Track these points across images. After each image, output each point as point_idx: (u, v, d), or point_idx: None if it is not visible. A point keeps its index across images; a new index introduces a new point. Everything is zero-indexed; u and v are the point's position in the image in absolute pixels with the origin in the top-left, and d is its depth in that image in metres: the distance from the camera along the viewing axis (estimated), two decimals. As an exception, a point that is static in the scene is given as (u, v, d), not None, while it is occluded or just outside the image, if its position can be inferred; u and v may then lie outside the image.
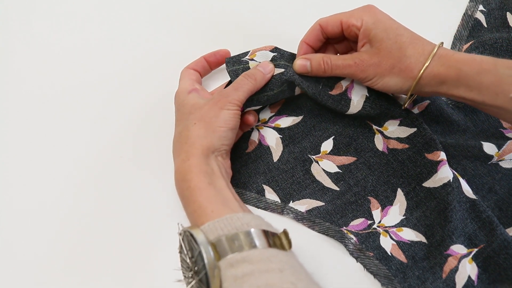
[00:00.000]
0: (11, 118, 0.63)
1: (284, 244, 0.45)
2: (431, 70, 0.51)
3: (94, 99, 0.64)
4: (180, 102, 0.55)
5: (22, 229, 0.57)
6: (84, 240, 0.56)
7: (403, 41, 0.51)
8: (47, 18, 0.70)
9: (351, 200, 0.57)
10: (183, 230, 0.45)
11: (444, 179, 0.56)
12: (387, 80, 0.52)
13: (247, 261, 0.41)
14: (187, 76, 0.58)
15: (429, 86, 0.52)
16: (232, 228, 0.44)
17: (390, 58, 0.52)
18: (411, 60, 0.51)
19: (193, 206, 0.47)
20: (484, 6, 0.69)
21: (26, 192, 0.59)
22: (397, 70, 0.52)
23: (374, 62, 0.52)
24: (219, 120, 0.52)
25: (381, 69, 0.52)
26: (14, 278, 0.55)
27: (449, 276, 0.53)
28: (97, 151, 0.61)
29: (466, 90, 0.50)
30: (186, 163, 0.50)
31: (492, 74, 0.48)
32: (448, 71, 0.50)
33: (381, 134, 0.59)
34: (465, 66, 0.49)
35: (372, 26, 0.52)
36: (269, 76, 0.56)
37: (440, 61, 0.51)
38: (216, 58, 0.61)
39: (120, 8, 0.71)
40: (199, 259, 0.42)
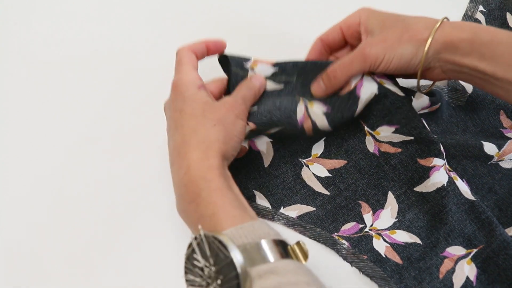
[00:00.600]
0: (11, 118, 0.64)
1: (299, 256, 0.43)
2: (443, 33, 0.48)
3: (94, 99, 0.65)
4: (189, 93, 0.51)
5: (22, 229, 0.58)
6: (84, 240, 0.57)
7: (406, 17, 0.51)
8: (46, 18, 0.71)
9: (342, 205, 0.57)
10: (204, 235, 0.41)
11: (438, 184, 0.55)
12: (399, 52, 0.49)
13: (275, 272, 0.40)
14: (190, 62, 0.54)
15: (439, 54, 0.49)
16: (255, 236, 0.42)
17: (396, 30, 0.50)
18: (418, 25, 0.49)
19: (212, 208, 0.44)
20: (484, 7, 0.69)
21: (26, 192, 0.60)
22: (406, 37, 0.49)
23: (379, 39, 0.50)
24: (236, 129, 0.50)
25: (389, 42, 0.50)
26: (14, 278, 0.56)
27: (446, 277, 0.52)
28: (97, 151, 0.62)
29: (477, 59, 0.47)
30: (206, 162, 0.47)
31: (507, 44, 0.46)
32: (462, 34, 0.48)
33: (372, 137, 0.59)
34: (479, 31, 0.47)
35: (371, 16, 0.52)
36: (262, 90, 0.55)
37: (452, 25, 0.49)
38: (216, 47, 0.57)
39: (121, 6, 0.72)
40: (228, 268, 0.39)
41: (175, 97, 0.52)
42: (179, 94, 0.51)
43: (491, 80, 0.48)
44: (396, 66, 0.50)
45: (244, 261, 0.40)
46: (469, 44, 0.47)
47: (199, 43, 0.56)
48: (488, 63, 0.47)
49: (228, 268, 0.40)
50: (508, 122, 0.60)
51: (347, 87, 0.54)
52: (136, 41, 0.69)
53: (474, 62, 0.47)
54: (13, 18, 0.72)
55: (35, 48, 0.69)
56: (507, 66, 0.46)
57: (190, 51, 0.55)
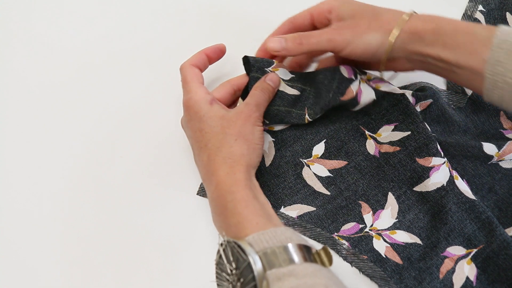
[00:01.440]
0: (11, 118, 0.64)
1: (324, 260, 0.44)
2: (409, 24, 0.50)
3: (95, 99, 0.65)
4: (203, 112, 0.53)
5: (22, 230, 0.58)
6: (84, 240, 0.57)
7: (377, 7, 0.53)
8: (46, 17, 0.71)
9: (342, 205, 0.57)
10: (226, 241, 0.45)
11: (438, 184, 0.55)
12: (367, 38, 0.51)
13: (294, 275, 0.41)
14: (195, 78, 0.56)
15: (405, 44, 0.51)
16: (277, 241, 0.44)
17: (365, 18, 0.52)
18: (388, 16, 0.51)
19: (237, 218, 0.47)
20: (484, 6, 0.69)
21: (26, 192, 0.60)
22: (375, 25, 0.51)
23: (349, 24, 0.52)
24: (255, 138, 0.53)
25: (358, 28, 0.51)
26: (14, 278, 0.56)
27: (446, 277, 0.53)
28: (97, 151, 0.62)
29: (441, 48, 0.49)
30: (232, 176, 0.50)
31: (468, 33, 0.48)
32: (426, 25, 0.50)
33: (373, 140, 0.59)
34: (442, 23, 0.49)
35: (343, 4, 0.53)
36: (276, 90, 0.56)
37: (418, 17, 0.51)
38: (217, 54, 0.59)
39: (120, 5, 0.72)
40: (247, 271, 0.42)
41: (191, 117, 0.54)
42: (194, 114, 0.53)
43: (454, 69, 0.50)
44: (362, 52, 0.52)
45: (261, 264, 0.42)
46: (433, 35, 0.49)
47: (199, 55, 0.57)
48: (451, 52, 0.49)
49: (247, 271, 0.42)
50: (509, 123, 0.60)
51: (349, 94, 0.55)
52: (137, 41, 0.69)
53: (438, 52, 0.49)
54: (12, 17, 0.72)
55: (35, 48, 0.69)
56: (468, 54, 0.48)
57: (192, 66, 0.56)
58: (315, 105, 0.57)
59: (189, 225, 0.57)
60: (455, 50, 0.48)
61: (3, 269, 0.56)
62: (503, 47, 0.46)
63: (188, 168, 0.58)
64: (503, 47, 0.46)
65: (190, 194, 0.59)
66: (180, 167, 0.60)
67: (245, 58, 0.58)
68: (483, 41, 0.47)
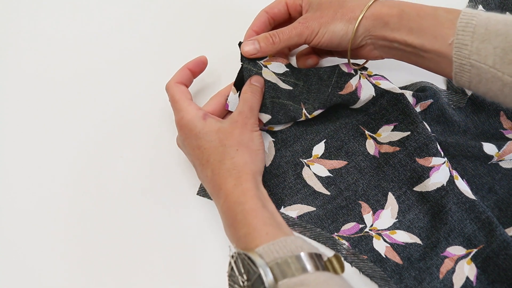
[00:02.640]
0: (11, 119, 0.64)
1: (336, 268, 0.44)
2: (374, 10, 0.51)
3: (95, 99, 0.65)
4: (199, 129, 0.52)
5: (22, 230, 0.58)
6: (84, 240, 0.57)
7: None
8: (46, 17, 0.71)
9: (342, 205, 0.57)
10: (237, 253, 0.44)
11: (438, 184, 0.55)
12: (332, 28, 0.52)
13: (305, 284, 0.41)
14: (183, 96, 0.55)
15: (370, 30, 0.52)
16: (287, 251, 0.44)
17: (331, 7, 0.53)
18: (352, 3, 0.52)
19: (247, 229, 0.47)
20: (484, 6, 0.69)
21: (26, 192, 0.60)
22: (340, 14, 0.52)
23: (316, 15, 0.53)
24: (255, 144, 0.53)
25: (324, 19, 0.52)
26: (14, 278, 0.56)
27: (446, 277, 0.53)
28: (97, 150, 0.62)
29: (407, 33, 0.49)
30: (239, 187, 0.49)
31: (432, 17, 0.48)
32: (391, 10, 0.50)
33: (373, 140, 0.59)
34: (406, 7, 0.50)
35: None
36: (263, 89, 0.56)
37: (382, 2, 0.52)
38: (199, 67, 0.59)
39: (120, 5, 0.72)
40: (258, 283, 0.42)
41: (186, 136, 0.53)
42: (189, 132, 0.53)
43: (421, 53, 0.50)
44: (329, 41, 0.53)
45: (272, 275, 0.42)
46: (397, 19, 0.50)
47: (182, 71, 0.58)
48: (416, 36, 0.49)
49: (258, 283, 0.42)
50: (508, 123, 0.60)
51: (348, 88, 0.56)
52: (137, 41, 0.69)
53: (403, 36, 0.50)
54: (12, 17, 0.72)
55: (35, 48, 0.69)
56: (433, 38, 0.48)
57: (178, 83, 0.57)
58: (314, 101, 0.57)
59: (189, 225, 0.57)
60: (420, 34, 0.49)
61: (3, 269, 0.57)
62: (467, 30, 0.46)
63: (188, 168, 0.58)
64: (467, 30, 0.46)
65: (190, 194, 0.59)
66: (179, 167, 0.60)
67: (240, 44, 0.57)
68: (446, 24, 0.47)
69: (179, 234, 0.57)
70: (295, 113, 0.57)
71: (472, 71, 0.46)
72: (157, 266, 0.56)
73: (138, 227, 0.58)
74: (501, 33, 0.44)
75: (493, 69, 0.45)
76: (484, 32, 0.45)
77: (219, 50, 0.65)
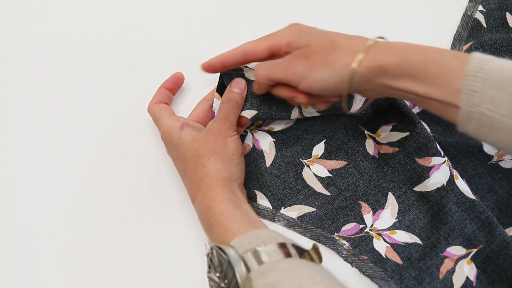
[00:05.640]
0: (10, 117, 0.64)
1: (314, 259, 0.44)
2: (371, 57, 0.45)
3: (94, 99, 0.65)
4: (176, 141, 0.54)
5: (21, 230, 0.58)
6: (84, 240, 0.57)
7: (334, 34, 0.48)
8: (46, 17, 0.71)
9: (342, 205, 0.57)
10: (211, 247, 0.45)
11: (438, 183, 0.55)
12: (321, 74, 0.47)
13: (277, 269, 0.41)
14: (163, 112, 0.57)
15: (368, 78, 0.46)
16: (260, 241, 0.44)
17: (321, 51, 0.47)
18: (344, 49, 0.46)
19: (219, 229, 0.48)
20: (484, 6, 0.69)
21: (26, 192, 0.60)
22: (331, 60, 0.46)
23: (304, 57, 0.48)
24: (229, 149, 0.53)
25: (312, 62, 0.47)
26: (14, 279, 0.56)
27: (446, 277, 0.53)
28: (97, 151, 0.62)
29: (409, 81, 0.45)
30: (209, 194, 0.50)
31: (437, 63, 0.43)
32: (389, 58, 0.45)
33: (372, 140, 0.59)
34: (408, 53, 0.45)
35: (300, 34, 0.49)
36: (245, 93, 0.56)
37: (379, 47, 0.46)
38: (176, 83, 0.61)
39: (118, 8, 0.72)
40: (229, 272, 0.42)
41: (169, 149, 0.56)
42: (169, 144, 0.55)
43: (426, 101, 0.46)
44: (320, 88, 0.48)
45: (242, 261, 0.42)
46: (398, 67, 0.45)
47: (159, 91, 0.60)
48: (421, 85, 0.44)
49: (228, 270, 0.42)
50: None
51: None
52: (136, 41, 0.69)
53: (406, 84, 0.45)
54: (14, 19, 0.71)
55: (35, 48, 0.69)
56: (439, 86, 0.43)
57: (158, 102, 0.59)
58: None
59: (190, 225, 0.57)
60: (424, 83, 0.44)
61: (3, 269, 0.57)
62: (479, 75, 0.41)
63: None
64: (479, 75, 0.41)
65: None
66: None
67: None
68: (455, 71, 0.43)
69: (180, 234, 0.57)
70: (286, 110, 0.56)
71: (481, 120, 0.42)
72: (157, 266, 0.56)
73: (138, 227, 0.58)
74: None
75: (508, 119, 0.40)
76: (498, 79, 0.41)
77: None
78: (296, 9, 0.71)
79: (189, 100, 0.63)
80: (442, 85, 0.43)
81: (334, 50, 0.47)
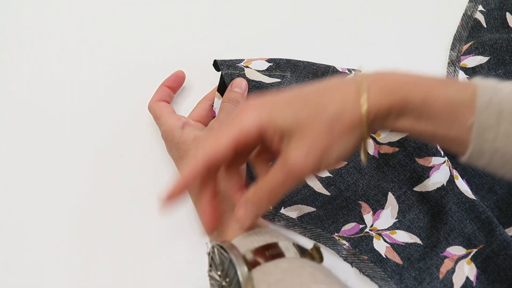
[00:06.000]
0: (10, 119, 0.64)
1: (316, 258, 0.44)
2: (371, 104, 0.40)
3: (94, 99, 0.65)
4: (177, 140, 0.53)
5: (22, 230, 0.58)
6: (83, 240, 0.57)
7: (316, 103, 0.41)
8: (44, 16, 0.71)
9: (342, 205, 0.57)
10: (212, 246, 0.45)
11: (438, 183, 0.55)
12: (336, 149, 0.40)
13: (279, 267, 0.41)
14: (164, 110, 0.57)
15: (376, 125, 0.41)
16: (262, 240, 0.44)
17: (320, 130, 0.40)
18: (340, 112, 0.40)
19: (220, 227, 0.48)
20: (484, 6, 0.69)
21: (25, 192, 0.60)
22: (337, 132, 0.40)
23: (308, 147, 0.40)
24: None
25: (320, 145, 0.40)
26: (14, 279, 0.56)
27: (446, 277, 0.53)
28: (97, 151, 0.62)
29: (415, 119, 0.40)
30: None
31: (444, 99, 0.39)
32: (390, 98, 0.40)
33: (372, 140, 0.59)
34: (410, 91, 0.40)
35: (275, 117, 0.41)
36: (246, 93, 0.56)
37: (376, 88, 0.40)
38: (177, 82, 0.61)
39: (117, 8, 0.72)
40: (231, 271, 0.42)
41: (169, 148, 0.55)
42: (169, 143, 0.55)
43: (431, 138, 0.42)
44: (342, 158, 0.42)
45: (244, 262, 0.42)
46: (401, 108, 0.40)
47: (160, 89, 0.60)
48: (426, 123, 0.40)
49: (230, 268, 0.42)
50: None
51: None
52: (136, 41, 0.69)
53: (410, 123, 0.41)
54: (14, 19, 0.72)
55: (34, 46, 0.69)
56: (448, 124, 0.40)
57: (159, 100, 0.58)
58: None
59: (191, 225, 0.57)
60: (430, 121, 0.40)
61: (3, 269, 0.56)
62: (492, 109, 0.38)
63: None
64: (492, 109, 0.38)
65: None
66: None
67: (214, 63, 0.59)
68: (463, 105, 0.39)
69: (180, 233, 0.57)
70: None
71: (495, 155, 0.38)
72: (158, 266, 0.56)
73: (138, 227, 0.57)
74: None
75: None
76: None
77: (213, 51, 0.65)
78: (296, 9, 0.71)
79: (190, 99, 0.63)
80: (450, 122, 0.39)
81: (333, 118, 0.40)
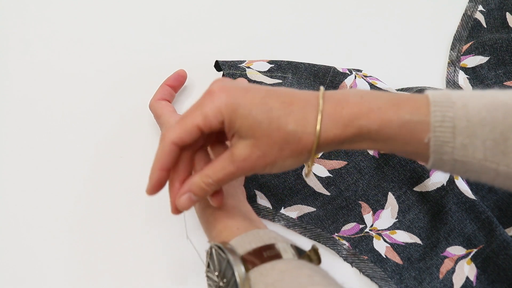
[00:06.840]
0: (11, 118, 0.64)
1: (313, 260, 0.44)
2: (326, 136, 0.41)
3: (94, 99, 0.65)
4: None
5: (22, 230, 0.58)
6: (84, 240, 0.57)
7: (278, 116, 0.41)
8: (46, 17, 0.71)
9: (342, 205, 0.57)
10: (210, 246, 0.45)
11: (438, 183, 0.55)
12: (281, 165, 0.43)
13: (277, 269, 0.41)
14: (165, 109, 0.57)
15: (332, 148, 0.43)
16: (259, 241, 0.44)
17: (273, 144, 0.42)
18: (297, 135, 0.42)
19: (218, 227, 0.48)
20: (484, 6, 0.69)
21: (25, 192, 0.60)
22: (288, 151, 0.42)
23: (257, 156, 0.42)
24: None
25: (269, 158, 0.42)
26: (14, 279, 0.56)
27: (446, 277, 0.53)
28: (97, 151, 0.62)
29: (370, 143, 0.42)
30: None
31: (397, 124, 0.40)
32: (345, 130, 0.41)
33: None
34: (363, 121, 0.41)
35: (234, 115, 0.42)
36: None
37: (332, 120, 0.41)
38: (179, 81, 0.61)
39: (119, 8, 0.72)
40: (228, 271, 0.42)
41: None
42: None
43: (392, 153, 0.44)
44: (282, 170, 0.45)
45: (242, 263, 0.42)
46: (356, 136, 0.41)
47: (162, 88, 0.60)
48: (384, 144, 0.42)
49: (227, 269, 0.42)
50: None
51: (343, 87, 0.58)
52: (137, 41, 0.69)
53: (367, 145, 0.43)
54: (14, 18, 0.72)
55: (34, 47, 0.69)
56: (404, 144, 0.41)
57: (160, 99, 0.59)
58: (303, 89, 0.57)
59: (191, 225, 0.57)
60: (386, 143, 0.41)
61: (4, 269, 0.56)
62: (445, 125, 0.39)
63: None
64: (445, 125, 0.39)
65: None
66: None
67: (216, 64, 0.60)
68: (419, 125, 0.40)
69: (179, 233, 0.57)
70: None
71: (456, 165, 0.40)
72: (157, 265, 0.56)
73: (138, 227, 0.58)
74: (487, 123, 0.38)
75: (486, 162, 0.39)
76: (467, 125, 0.38)
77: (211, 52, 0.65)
78: (296, 9, 0.71)
79: (191, 99, 0.63)
80: (406, 141, 0.41)
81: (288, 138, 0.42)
